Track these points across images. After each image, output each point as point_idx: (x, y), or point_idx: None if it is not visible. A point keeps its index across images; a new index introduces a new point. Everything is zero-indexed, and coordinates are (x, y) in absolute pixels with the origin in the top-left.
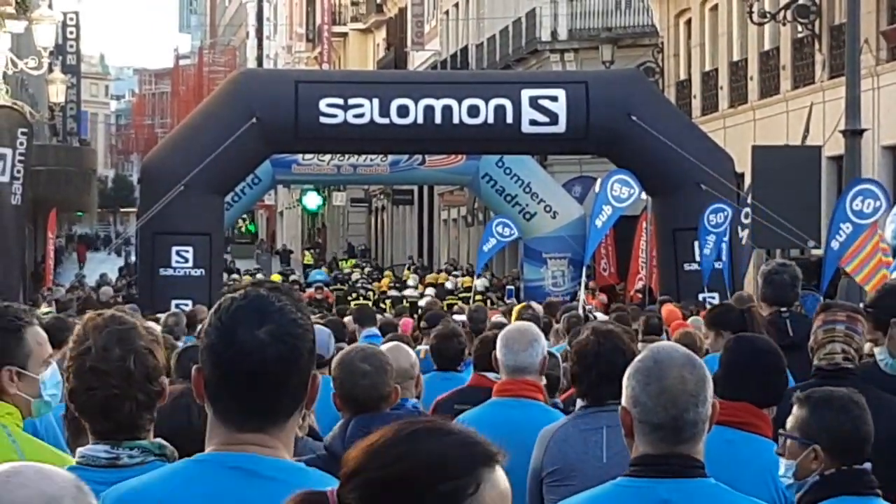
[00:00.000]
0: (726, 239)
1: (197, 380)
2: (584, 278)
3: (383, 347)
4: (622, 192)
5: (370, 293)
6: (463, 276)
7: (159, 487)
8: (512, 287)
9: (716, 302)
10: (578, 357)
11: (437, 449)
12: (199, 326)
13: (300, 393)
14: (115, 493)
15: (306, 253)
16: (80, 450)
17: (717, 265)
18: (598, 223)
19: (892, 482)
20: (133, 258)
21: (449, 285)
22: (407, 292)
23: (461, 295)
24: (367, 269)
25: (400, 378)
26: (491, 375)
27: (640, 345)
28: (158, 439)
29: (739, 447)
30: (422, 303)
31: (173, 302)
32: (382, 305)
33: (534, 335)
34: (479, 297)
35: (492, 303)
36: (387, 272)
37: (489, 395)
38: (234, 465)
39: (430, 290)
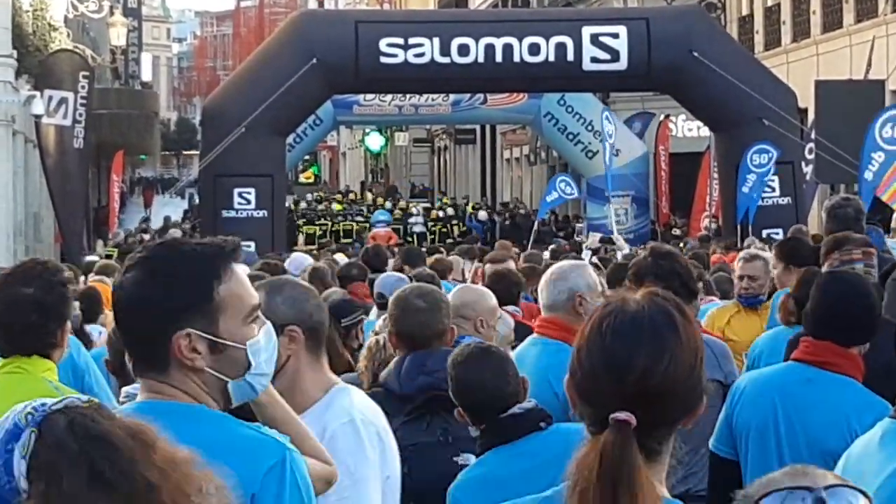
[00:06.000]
0: (767, 179)
1: None
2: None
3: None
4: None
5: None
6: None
7: None
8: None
9: (780, 238)
10: (635, 276)
11: None
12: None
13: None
14: None
15: (367, 194)
16: (123, 389)
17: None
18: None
19: None
20: (197, 201)
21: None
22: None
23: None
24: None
25: (460, 315)
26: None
27: None
28: None
29: (818, 386)
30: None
31: None
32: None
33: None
34: (440, 223)
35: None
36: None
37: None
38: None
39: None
